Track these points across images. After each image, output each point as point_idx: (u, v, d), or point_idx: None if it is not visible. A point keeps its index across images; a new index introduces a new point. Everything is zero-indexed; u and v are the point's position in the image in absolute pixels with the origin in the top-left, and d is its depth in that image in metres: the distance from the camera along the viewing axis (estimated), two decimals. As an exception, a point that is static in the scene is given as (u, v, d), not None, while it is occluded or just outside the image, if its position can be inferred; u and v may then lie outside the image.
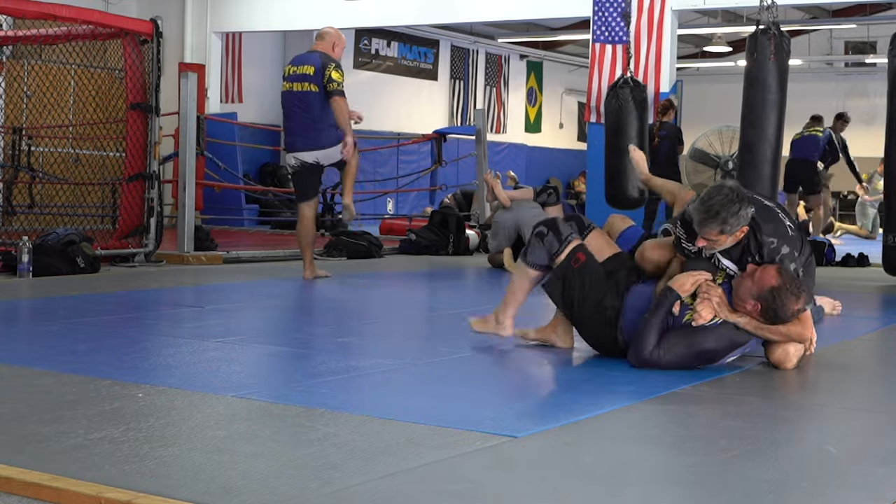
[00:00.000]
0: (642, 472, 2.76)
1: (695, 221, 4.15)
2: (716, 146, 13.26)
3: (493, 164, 17.12)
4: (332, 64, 7.35)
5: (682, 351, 4.08)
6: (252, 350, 4.49)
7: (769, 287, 4.04)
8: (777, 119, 7.76)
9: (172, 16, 14.31)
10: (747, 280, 4.11)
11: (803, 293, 4.10)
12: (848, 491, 2.66)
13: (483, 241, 10.79)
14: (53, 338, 4.69)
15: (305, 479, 2.55)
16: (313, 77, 7.34)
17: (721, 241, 4.16)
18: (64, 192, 10.32)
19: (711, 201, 4.08)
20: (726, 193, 4.09)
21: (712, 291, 4.12)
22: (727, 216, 4.07)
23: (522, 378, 4.00)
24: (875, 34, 20.71)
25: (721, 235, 4.12)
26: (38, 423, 3.03)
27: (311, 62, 7.40)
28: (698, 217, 4.12)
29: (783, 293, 4.03)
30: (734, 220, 4.09)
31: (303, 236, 7.62)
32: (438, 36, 20.77)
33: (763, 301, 4.05)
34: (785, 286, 4.04)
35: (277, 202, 16.31)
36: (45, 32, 9.00)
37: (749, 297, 4.08)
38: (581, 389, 3.84)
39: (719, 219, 4.06)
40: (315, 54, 7.47)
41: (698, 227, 4.14)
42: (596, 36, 12.09)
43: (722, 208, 4.06)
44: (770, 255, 4.18)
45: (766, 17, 7.72)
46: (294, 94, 7.41)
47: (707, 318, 4.07)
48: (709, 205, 4.08)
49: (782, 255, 4.18)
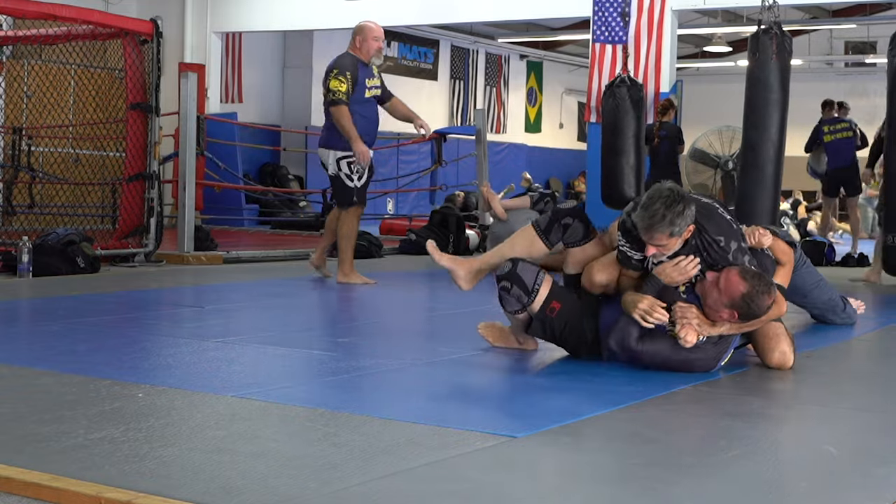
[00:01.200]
0: (642, 472, 2.76)
1: (640, 229, 4.03)
2: (716, 146, 13.26)
3: (493, 164, 17.14)
4: (333, 70, 7.18)
5: (667, 353, 4.04)
6: (252, 350, 4.49)
7: (740, 294, 3.97)
8: (780, 119, 7.76)
9: (172, 16, 14.31)
10: (713, 291, 4.02)
11: (770, 285, 4.06)
12: (848, 491, 2.66)
13: (483, 241, 10.79)
14: (53, 338, 4.69)
15: (305, 479, 2.55)
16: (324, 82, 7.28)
17: (671, 245, 4.05)
18: (64, 192, 10.32)
19: (654, 206, 3.96)
20: (667, 195, 3.98)
21: (688, 313, 4.03)
22: (673, 217, 3.95)
23: (522, 378, 4.00)
24: (875, 34, 20.72)
25: (671, 238, 4.01)
26: (38, 423, 3.03)
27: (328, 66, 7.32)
28: (644, 224, 3.99)
29: (755, 296, 3.98)
30: (680, 221, 3.98)
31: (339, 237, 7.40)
32: (438, 36, 20.78)
33: (738, 308, 4.00)
34: (754, 288, 3.98)
35: (277, 202, 16.32)
36: (45, 32, 9.00)
37: (722, 307, 4.01)
38: (581, 389, 3.83)
39: (665, 221, 3.95)
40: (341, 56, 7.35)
41: (645, 234, 4.02)
42: (596, 36, 12.08)
43: (667, 210, 3.94)
44: (721, 254, 4.10)
45: (768, 17, 7.72)
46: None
47: (693, 341, 4.00)
48: (653, 210, 3.96)
49: (733, 251, 4.11)
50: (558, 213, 4.41)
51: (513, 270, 4.26)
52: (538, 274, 4.27)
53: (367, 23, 7.45)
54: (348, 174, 7.20)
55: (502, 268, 4.31)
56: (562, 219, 4.36)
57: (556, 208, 4.50)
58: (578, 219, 4.36)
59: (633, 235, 4.15)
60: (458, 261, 4.69)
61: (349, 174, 7.20)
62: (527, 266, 4.28)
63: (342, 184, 7.23)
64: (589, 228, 4.37)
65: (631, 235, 4.17)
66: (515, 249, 4.47)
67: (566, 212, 4.40)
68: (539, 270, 4.28)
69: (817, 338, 5.25)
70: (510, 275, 4.26)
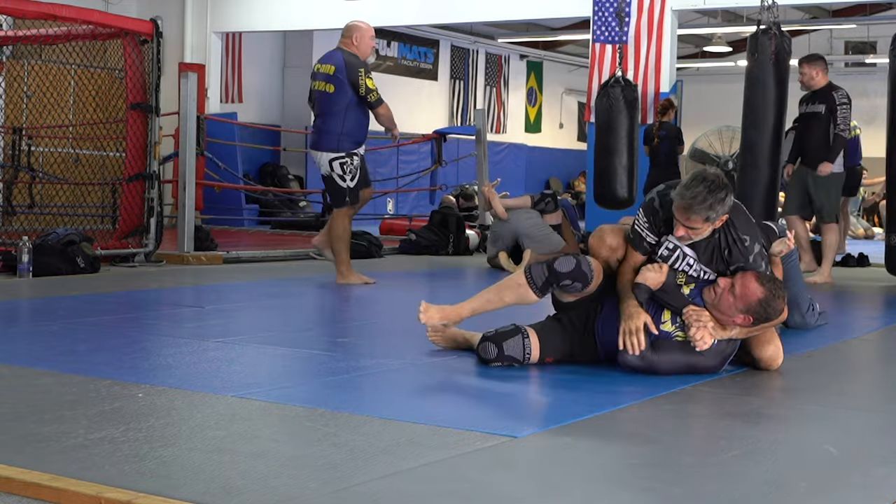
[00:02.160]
0: (642, 472, 2.76)
1: (677, 208, 4.00)
2: (716, 146, 13.25)
3: (493, 164, 17.14)
4: (361, 69, 7.09)
5: (680, 359, 4.03)
6: (252, 350, 4.49)
7: (756, 300, 3.96)
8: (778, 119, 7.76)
9: (172, 16, 14.31)
10: (727, 296, 4.00)
11: (784, 289, 4.06)
12: (848, 491, 2.66)
13: (483, 241, 10.79)
14: (53, 338, 4.69)
15: (305, 479, 2.55)
16: (331, 77, 7.16)
17: (702, 231, 4.04)
18: (64, 192, 10.32)
19: (698, 188, 3.94)
20: (712, 179, 3.97)
21: (703, 316, 4.02)
22: (714, 202, 3.94)
23: (522, 378, 4.00)
24: (875, 34, 20.70)
25: (705, 223, 4.00)
26: (38, 423, 3.03)
27: (333, 61, 7.21)
28: (684, 202, 3.97)
29: (771, 300, 3.98)
30: (720, 207, 3.98)
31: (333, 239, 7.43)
32: (438, 36, 20.77)
33: (754, 313, 3.99)
34: (770, 293, 3.97)
35: (277, 202, 16.31)
36: (45, 32, 9.00)
37: (736, 312, 3.99)
38: (581, 389, 3.83)
39: (706, 204, 3.93)
40: (336, 52, 7.26)
41: (682, 214, 4.00)
42: (596, 36, 12.08)
43: (710, 194, 3.93)
44: (743, 254, 4.08)
45: (767, 18, 7.72)
46: (316, 93, 7.29)
47: (710, 343, 4.00)
48: (696, 191, 3.94)
49: (754, 254, 4.09)
50: (557, 274, 4.15)
51: (500, 354, 4.11)
52: (524, 342, 4.13)
53: (360, 22, 7.43)
54: (341, 175, 7.19)
55: (487, 351, 4.12)
56: (560, 281, 4.15)
57: (554, 269, 4.15)
58: (577, 279, 4.14)
59: (656, 217, 4.15)
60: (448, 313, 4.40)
61: (342, 175, 7.19)
62: (511, 343, 4.12)
63: (335, 184, 7.24)
64: (588, 279, 4.15)
65: (655, 216, 4.16)
66: (504, 300, 4.31)
67: (565, 275, 4.13)
68: (525, 338, 4.13)
69: (817, 338, 5.25)
70: (499, 358, 4.11)
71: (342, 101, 7.11)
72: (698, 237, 4.09)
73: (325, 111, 7.19)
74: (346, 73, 7.09)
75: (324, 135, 7.22)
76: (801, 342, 5.05)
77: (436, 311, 4.37)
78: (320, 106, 7.23)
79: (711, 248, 4.12)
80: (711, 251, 4.13)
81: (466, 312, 4.37)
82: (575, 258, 4.17)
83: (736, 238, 4.09)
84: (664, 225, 4.18)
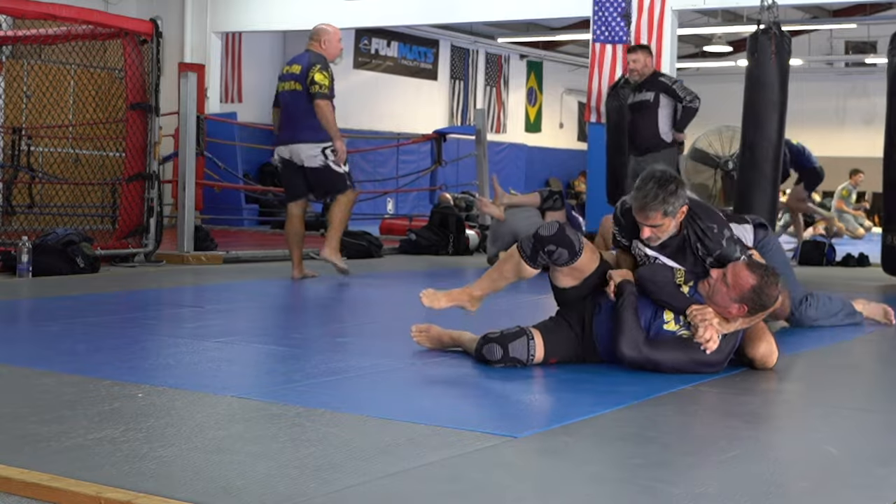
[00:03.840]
0: (642, 473, 2.76)
1: (635, 210, 4.14)
2: (716, 146, 13.25)
3: (493, 164, 17.13)
4: (317, 65, 7.29)
5: (682, 355, 4.03)
6: (252, 350, 4.49)
7: (749, 287, 3.98)
8: (778, 119, 7.77)
9: (172, 16, 14.31)
10: (720, 286, 4.02)
11: (776, 275, 4.08)
12: (848, 491, 2.66)
13: (483, 241, 10.80)
14: (53, 338, 4.69)
15: (305, 479, 2.55)
16: (298, 76, 7.36)
17: (666, 227, 4.14)
18: (64, 192, 10.32)
19: (647, 186, 4.09)
20: (658, 176, 4.10)
21: (707, 314, 4.03)
22: (666, 195, 4.06)
23: (522, 378, 4.00)
24: (875, 34, 20.70)
25: (665, 218, 4.11)
26: (38, 423, 3.03)
27: (300, 61, 7.43)
28: (638, 203, 4.11)
29: (764, 287, 4.00)
30: (674, 200, 4.08)
31: (289, 235, 7.66)
32: (438, 36, 20.77)
33: (748, 302, 4.00)
34: (762, 279, 3.99)
35: (277, 202, 16.29)
36: (45, 32, 9.00)
37: (731, 301, 4.01)
38: (581, 389, 3.83)
39: (658, 199, 4.06)
40: (305, 54, 7.50)
41: (640, 215, 4.13)
42: (596, 36, 12.08)
43: (660, 189, 4.06)
44: (715, 240, 4.16)
45: (767, 18, 7.73)
46: (284, 94, 7.46)
47: (717, 341, 4.00)
48: (646, 190, 4.08)
49: (726, 238, 4.17)
50: (541, 239, 4.16)
51: (506, 356, 4.09)
52: (529, 343, 4.12)
53: (328, 25, 7.69)
54: (335, 161, 7.34)
55: (493, 353, 4.10)
56: (545, 246, 4.15)
57: (538, 234, 4.18)
58: (561, 244, 4.14)
59: (624, 224, 4.29)
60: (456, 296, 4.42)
61: (335, 161, 7.33)
62: (517, 345, 4.10)
63: (332, 171, 7.37)
64: (575, 248, 4.15)
65: (620, 226, 4.32)
66: (505, 275, 4.34)
67: (548, 239, 4.13)
68: (530, 339, 4.13)
69: (817, 338, 5.25)
70: (504, 359, 4.10)
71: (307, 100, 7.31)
72: (665, 234, 4.18)
73: (299, 108, 7.33)
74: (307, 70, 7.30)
75: (305, 129, 7.34)
76: (801, 342, 5.05)
77: (443, 296, 4.38)
78: (292, 104, 7.38)
79: (685, 248, 4.20)
80: (685, 250, 4.21)
81: (478, 292, 4.39)
82: (559, 223, 4.20)
83: (704, 228, 4.18)
84: (632, 233, 4.30)
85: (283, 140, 7.48)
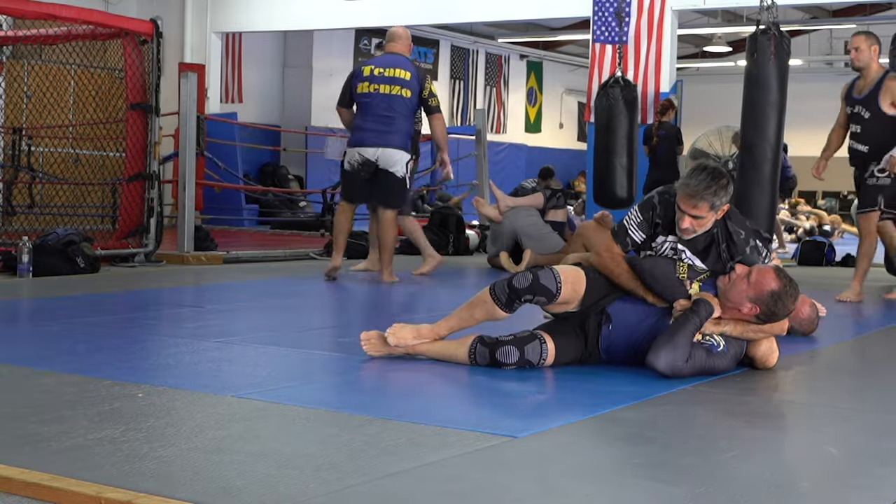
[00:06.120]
0: (642, 473, 2.76)
1: (683, 196, 4.11)
2: (715, 146, 13.25)
3: (493, 165, 17.13)
4: (427, 76, 7.41)
5: (700, 362, 4.00)
6: (252, 350, 4.49)
7: (770, 290, 3.98)
8: (777, 119, 7.76)
9: (172, 16, 14.31)
10: (741, 283, 4.01)
11: (798, 292, 4.08)
12: (848, 491, 2.66)
13: (483, 241, 10.80)
14: (53, 338, 4.69)
15: (305, 479, 2.55)
16: (407, 83, 7.33)
17: (706, 221, 4.15)
18: (64, 192, 10.32)
19: (701, 175, 4.08)
20: (713, 169, 4.11)
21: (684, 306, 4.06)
22: (717, 188, 4.08)
23: (522, 378, 4.00)
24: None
25: (710, 211, 4.12)
26: (38, 423, 3.03)
27: (404, 67, 7.37)
28: (689, 190, 4.09)
29: (784, 296, 3.99)
30: (723, 194, 4.12)
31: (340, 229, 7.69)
32: (438, 36, 20.77)
33: (763, 304, 3.99)
34: (785, 289, 3.99)
35: (277, 202, 16.31)
36: (45, 32, 9.00)
37: (745, 300, 4.00)
38: (581, 389, 3.83)
39: (710, 190, 4.07)
40: (402, 58, 7.44)
41: (688, 202, 4.10)
42: (596, 36, 12.09)
43: (713, 181, 4.07)
44: (741, 246, 4.18)
45: (767, 18, 7.72)
46: (380, 96, 7.33)
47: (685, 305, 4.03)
48: (699, 178, 4.08)
49: (751, 246, 4.19)
50: (516, 291, 4.01)
51: (522, 358, 4.03)
52: (542, 347, 4.07)
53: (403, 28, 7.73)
54: (410, 177, 7.50)
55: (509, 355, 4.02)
56: (521, 297, 4.03)
57: (513, 286, 4.01)
58: (538, 293, 4.01)
59: (653, 213, 4.22)
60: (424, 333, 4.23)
61: (410, 177, 7.52)
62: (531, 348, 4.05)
63: (402, 185, 7.44)
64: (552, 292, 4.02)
65: (652, 212, 4.23)
66: (475, 317, 4.18)
67: (524, 290, 4.00)
68: (542, 343, 4.07)
69: (816, 338, 5.25)
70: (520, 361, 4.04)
71: (414, 106, 7.41)
72: (701, 229, 4.17)
73: (400, 113, 7.33)
74: (419, 80, 7.37)
75: (401, 135, 7.35)
76: (801, 343, 5.05)
77: (409, 332, 4.20)
78: (389, 108, 7.32)
79: (710, 247, 4.20)
80: (710, 249, 4.20)
81: (444, 331, 4.22)
82: (532, 272, 4.05)
83: (732, 231, 4.20)
84: (659, 225, 4.26)
85: (371, 141, 7.33)
